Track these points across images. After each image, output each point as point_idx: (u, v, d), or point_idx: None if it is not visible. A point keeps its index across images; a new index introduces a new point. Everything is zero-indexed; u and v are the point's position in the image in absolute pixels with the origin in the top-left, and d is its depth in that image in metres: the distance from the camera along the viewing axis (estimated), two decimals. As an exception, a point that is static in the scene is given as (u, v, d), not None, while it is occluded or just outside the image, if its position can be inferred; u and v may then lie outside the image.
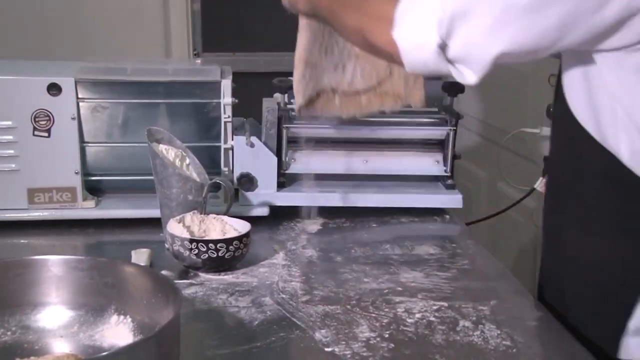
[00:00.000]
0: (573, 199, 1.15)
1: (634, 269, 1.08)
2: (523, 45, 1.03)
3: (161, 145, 1.45)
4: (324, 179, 1.63)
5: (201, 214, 1.38)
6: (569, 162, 1.15)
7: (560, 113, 1.14)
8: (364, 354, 1.05)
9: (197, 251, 1.28)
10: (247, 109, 1.63)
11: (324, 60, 1.52)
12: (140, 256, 1.33)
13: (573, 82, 1.10)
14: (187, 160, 1.46)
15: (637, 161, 1.05)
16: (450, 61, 1.06)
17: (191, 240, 1.29)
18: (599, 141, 1.07)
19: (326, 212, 1.59)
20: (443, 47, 1.04)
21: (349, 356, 1.04)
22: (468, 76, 1.06)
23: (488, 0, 1.01)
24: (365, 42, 1.16)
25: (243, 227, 1.35)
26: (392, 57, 1.11)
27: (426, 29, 1.04)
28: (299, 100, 1.48)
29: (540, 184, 1.59)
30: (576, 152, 1.12)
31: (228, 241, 1.30)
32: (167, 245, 1.32)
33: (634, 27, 0.98)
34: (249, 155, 1.54)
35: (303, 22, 1.53)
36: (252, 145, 1.54)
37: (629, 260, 1.09)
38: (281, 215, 1.56)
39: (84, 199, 1.53)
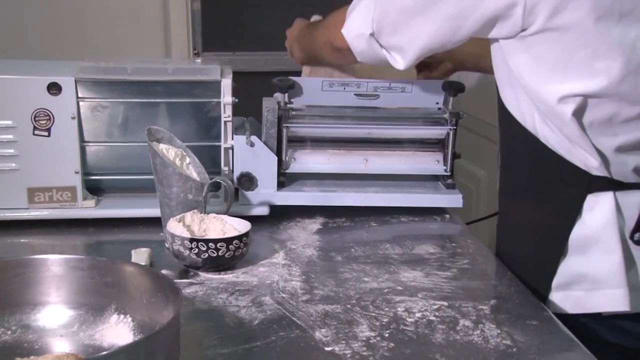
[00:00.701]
0: (505, 173, 1.39)
1: (552, 230, 1.28)
2: (429, 37, 1.28)
3: (161, 145, 1.45)
4: (324, 179, 1.63)
5: (201, 213, 1.38)
6: (504, 142, 1.38)
7: (498, 98, 1.35)
8: (364, 353, 1.05)
9: (197, 250, 1.28)
10: (247, 109, 1.63)
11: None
12: (140, 256, 1.33)
13: (499, 68, 1.30)
14: (187, 160, 1.46)
15: (542, 132, 1.26)
16: (384, 48, 1.34)
17: (191, 240, 1.29)
18: (516, 118, 1.29)
19: (326, 211, 1.59)
20: (376, 37, 1.33)
21: (349, 356, 1.04)
22: (399, 62, 1.34)
23: (391, 3, 1.29)
24: (333, 49, 1.46)
25: (243, 226, 1.35)
26: (348, 53, 1.41)
27: (363, 22, 1.34)
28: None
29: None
30: (507, 133, 1.35)
31: (228, 240, 1.30)
32: (167, 245, 1.32)
33: (511, 19, 1.17)
34: (249, 155, 1.54)
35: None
36: (252, 144, 1.54)
37: (545, 221, 1.29)
38: (281, 215, 1.56)
39: (84, 199, 1.53)
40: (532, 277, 1.30)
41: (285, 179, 1.59)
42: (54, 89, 1.48)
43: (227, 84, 1.53)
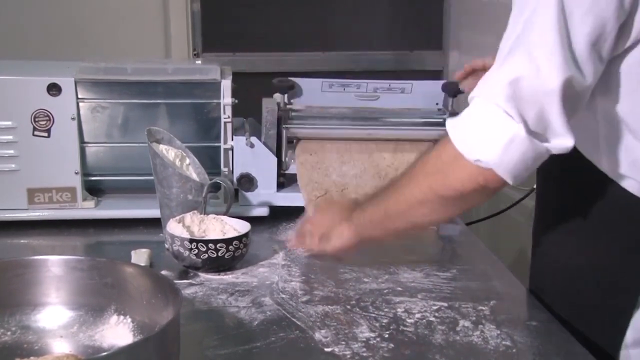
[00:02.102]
0: (559, 211, 1.16)
1: (628, 277, 1.09)
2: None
3: (161, 146, 1.45)
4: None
5: (201, 214, 1.38)
6: (553, 178, 1.16)
7: None
8: (364, 354, 1.05)
9: (196, 251, 1.28)
10: (247, 109, 1.63)
11: (325, 151, 1.58)
12: (140, 256, 1.33)
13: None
14: (187, 161, 1.46)
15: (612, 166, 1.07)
16: (541, 139, 1.01)
17: (191, 240, 1.29)
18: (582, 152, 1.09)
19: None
20: (528, 130, 0.99)
21: (348, 356, 1.04)
22: (565, 142, 1.00)
23: (524, 60, 0.99)
24: (443, 199, 1.10)
25: (243, 227, 1.35)
26: (481, 188, 1.05)
27: (502, 128, 1.00)
28: (306, 197, 1.53)
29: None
30: (560, 167, 1.12)
31: (228, 241, 1.30)
32: (166, 246, 1.32)
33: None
34: (248, 156, 1.54)
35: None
36: (252, 145, 1.54)
37: (620, 269, 1.10)
38: (281, 215, 1.56)
39: (84, 199, 1.53)
40: (594, 330, 1.13)
41: (285, 180, 1.59)
42: (54, 89, 1.48)
43: (227, 84, 1.53)
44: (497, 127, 1.00)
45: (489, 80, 1.02)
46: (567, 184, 1.15)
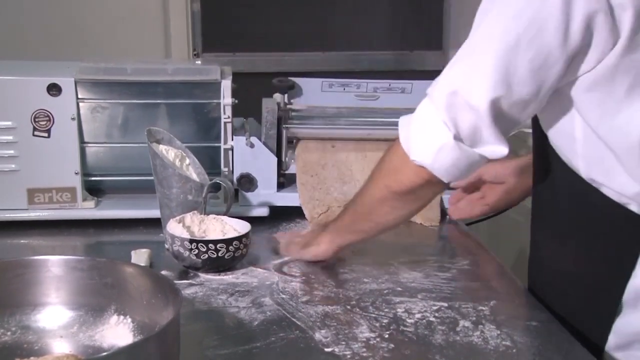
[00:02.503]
0: (543, 207, 1.22)
1: (611, 283, 1.11)
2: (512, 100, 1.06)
3: (161, 146, 1.45)
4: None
5: (201, 214, 1.38)
6: (546, 182, 1.20)
7: (537, 137, 1.20)
8: (364, 354, 1.05)
9: (197, 251, 1.28)
10: (247, 109, 1.63)
11: (326, 173, 1.58)
12: (140, 256, 1.33)
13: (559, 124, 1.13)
14: (187, 161, 1.46)
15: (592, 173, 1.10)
16: (472, 146, 1.10)
17: (191, 241, 1.29)
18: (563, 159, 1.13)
19: (326, 212, 1.59)
20: (458, 138, 1.09)
21: (348, 356, 1.04)
22: (498, 150, 1.10)
23: (464, 76, 1.09)
24: (398, 195, 1.20)
25: (243, 227, 1.35)
26: (428, 183, 1.15)
27: (437, 134, 1.10)
28: (307, 214, 1.55)
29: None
30: (551, 171, 1.17)
31: (228, 241, 1.30)
32: (167, 246, 1.32)
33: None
34: (248, 156, 1.54)
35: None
36: (252, 145, 1.54)
37: (605, 274, 1.13)
38: (281, 216, 1.56)
39: (84, 200, 1.53)
40: (582, 330, 1.15)
41: (285, 180, 1.59)
42: (54, 89, 1.48)
43: (226, 84, 1.53)
44: (432, 133, 1.11)
45: (439, 83, 1.12)
46: (558, 186, 1.17)
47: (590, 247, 1.14)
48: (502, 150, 1.09)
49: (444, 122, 1.09)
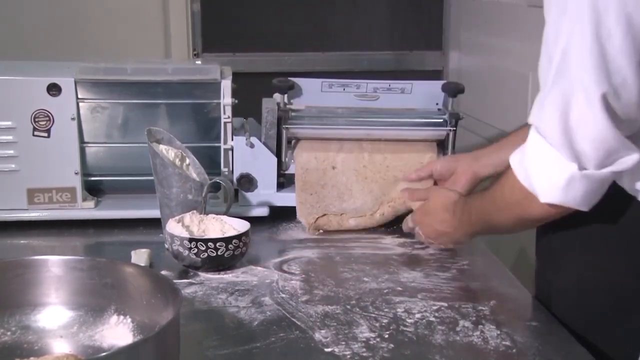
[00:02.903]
0: (580, 223, 1.14)
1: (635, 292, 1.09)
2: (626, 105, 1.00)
3: (161, 146, 1.45)
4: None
5: (200, 213, 1.38)
6: None
7: None
8: (364, 354, 1.05)
9: (196, 250, 1.28)
10: (247, 109, 1.63)
11: (325, 192, 1.56)
12: (140, 256, 1.33)
13: None
14: (187, 161, 1.46)
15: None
16: (600, 167, 1.04)
17: (190, 240, 1.29)
18: None
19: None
20: (583, 167, 1.04)
21: (348, 356, 1.04)
22: (630, 159, 1.03)
23: (566, 97, 1.01)
24: (523, 224, 1.19)
25: (242, 226, 1.35)
26: (564, 211, 1.10)
27: (559, 170, 1.05)
28: (305, 221, 1.53)
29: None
30: None
31: (227, 240, 1.30)
32: (166, 245, 1.32)
33: None
34: (248, 156, 1.54)
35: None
36: (251, 145, 1.54)
37: (637, 285, 1.10)
38: (281, 215, 1.56)
39: (84, 200, 1.53)
40: (608, 345, 1.12)
41: (285, 180, 1.59)
42: (54, 89, 1.48)
43: (226, 84, 1.53)
44: (554, 170, 1.05)
45: (543, 111, 1.05)
46: None
47: (626, 257, 1.10)
48: (633, 158, 1.02)
49: (567, 158, 1.03)
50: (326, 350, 1.06)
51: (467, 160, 1.49)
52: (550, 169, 1.06)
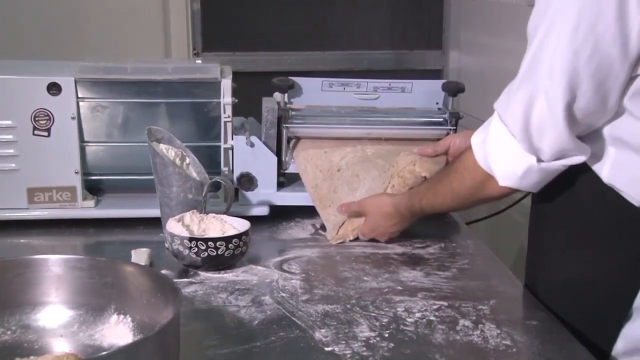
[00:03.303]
0: (562, 217, 1.20)
1: (623, 289, 1.11)
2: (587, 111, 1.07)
3: (161, 145, 1.45)
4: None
5: (201, 213, 1.38)
6: (560, 183, 1.17)
7: None
8: (364, 353, 1.05)
9: (196, 249, 1.28)
10: (247, 109, 1.63)
11: (338, 194, 1.54)
12: (140, 256, 1.33)
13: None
14: (187, 160, 1.46)
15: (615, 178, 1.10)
16: (555, 160, 1.12)
17: (190, 239, 1.29)
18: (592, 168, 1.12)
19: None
20: (541, 160, 1.12)
21: (348, 356, 1.04)
22: (579, 159, 1.11)
23: (532, 97, 1.08)
24: (474, 203, 1.30)
25: (242, 225, 1.35)
26: (513, 192, 1.22)
27: (519, 160, 1.14)
28: (332, 234, 1.50)
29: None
30: (568, 173, 1.15)
31: (227, 239, 1.30)
32: (166, 245, 1.32)
33: None
34: (248, 155, 1.54)
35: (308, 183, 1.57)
36: (252, 145, 1.54)
37: (616, 279, 1.12)
38: (281, 215, 1.56)
39: (84, 199, 1.53)
40: (587, 333, 1.14)
41: (285, 179, 1.59)
42: (54, 89, 1.48)
43: (227, 84, 1.53)
44: (514, 159, 1.14)
45: (510, 106, 1.12)
46: (567, 188, 1.17)
47: (605, 251, 1.13)
48: (582, 158, 1.11)
49: (526, 150, 1.12)
50: (326, 349, 1.06)
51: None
52: (510, 157, 1.14)
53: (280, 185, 1.58)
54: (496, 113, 1.16)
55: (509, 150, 1.14)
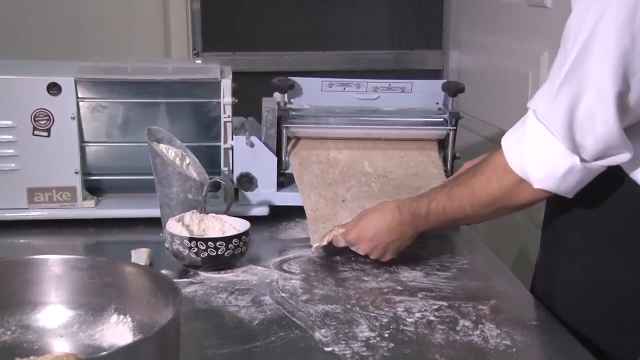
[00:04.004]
0: (593, 220, 1.15)
1: None
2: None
3: (161, 145, 1.45)
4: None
5: (201, 213, 1.38)
6: (592, 184, 1.12)
7: None
8: (364, 353, 1.05)
9: (196, 250, 1.28)
10: (247, 109, 1.63)
11: (339, 219, 1.46)
12: (140, 256, 1.33)
13: None
14: (187, 160, 1.46)
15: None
16: (598, 160, 1.07)
17: (191, 239, 1.29)
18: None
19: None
20: (585, 160, 1.07)
21: (349, 356, 1.04)
22: (624, 158, 1.06)
23: (579, 91, 1.02)
24: (509, 210, 1.20)
25: (242, 226, 1.36)
26: (534, 204, 1.16)
27: (560, 161, 1.07)
28: (316, 243, 1.38)
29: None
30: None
31: (227, 239, 1.30)
32: (166, 245, 1.32)
33: None
34: (249, 155, 1.54)
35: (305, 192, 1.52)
36: (252, 145, 1.54)
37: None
38: (281, 215, 1.56)
39: (84, 199, 1.53)
40: (609, 342, 1.13)
41: (285, 180, 1.59)
42: (54, 89, 1.48)
43: (227, 84, 1.53)
44: (555, 160, 1.07)
45: (550, 101, 1.05)
46: (590, 189, 1.12)
47: (633, 254, 1.10)
48: (627, 156, 1.06)
49: (569, 149, 1.06)
50: (326, 349, 1.06)
51: None
52: (550, 158, 1.08)
53: (281, 186, 1.58)
54: (531, 113, 1.10)
55: (550, 150, 1.07)
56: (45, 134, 1.49)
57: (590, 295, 1.17)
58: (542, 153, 1.09)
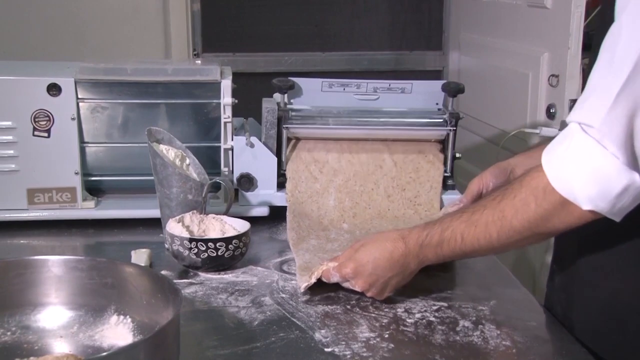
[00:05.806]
0: (613, 229, 1.05)
1: None
2: None
3: (161, 146, 1.45)
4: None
5: (200, 213, 1.38)
6: None
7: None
8: (364, 354, 1.05)
9: (196, 250, 1.28)
10: (246, 110, 1.63)
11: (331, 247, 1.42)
12: (140, 256, 1.33)
13: None
14: (187, 161, 1.46)
15: None
16: None
17: (190, 240, 1.29)
18: None
19: (326, 212, 1.59)
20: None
21: (348, 356, 1.04)
22: None
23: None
24: (526, 239, 1.08)
25: (242, 226, 1.36)
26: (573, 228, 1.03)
27: (615, 179, 0.97)
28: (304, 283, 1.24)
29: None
30: None
31: (227, 240, 1.30)
32: (166, 245, 1.32)
33: None
34: (248, 156, 1.54)
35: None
36: (252, 145, 1.54)
37: None
38: (281, 215, 1.56)
39: (84, 200, 1.53)
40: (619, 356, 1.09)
41: (285, 180, 1.59)
42: (54, 90, 1.48)
43: (226, 84, 1.53)
44: (609, 175, 0.97)
45: (600, 113, 0.96)
46: None
47: None
48: None
49: (626, 164, 0.96)
50: (326, 350, 1.06)
51: (519, 159, 1.34)
52: (602, 175, 0.97)
53: (280, 186, 1.58)
54: (575, 126, 0.99)
55: (602, 166, 0.96)
56: (45, 134, 1.49)
57: (614, 321, 1.11)
58: (593, 170, 0.97)
